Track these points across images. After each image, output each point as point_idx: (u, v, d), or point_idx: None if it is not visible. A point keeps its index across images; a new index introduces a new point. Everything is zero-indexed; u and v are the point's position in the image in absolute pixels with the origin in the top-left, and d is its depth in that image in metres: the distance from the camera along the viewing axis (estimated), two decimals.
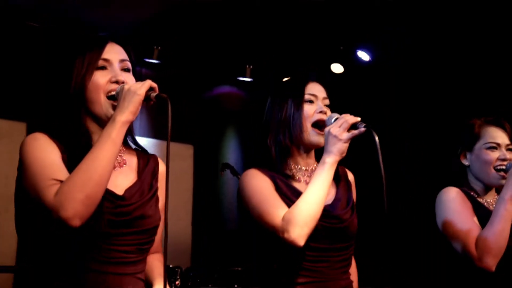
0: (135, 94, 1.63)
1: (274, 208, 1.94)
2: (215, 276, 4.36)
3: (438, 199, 2.39)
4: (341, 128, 1.92)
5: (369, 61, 5.02)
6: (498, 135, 2.38)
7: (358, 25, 4.59)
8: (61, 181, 1.57)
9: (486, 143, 2.37)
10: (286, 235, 1.87)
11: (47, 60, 4.30)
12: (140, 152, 1.89)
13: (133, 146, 1.91)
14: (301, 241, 1.88)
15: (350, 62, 5.07)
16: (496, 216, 2.16)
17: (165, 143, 1.61)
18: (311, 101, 2.10)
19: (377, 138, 1.83)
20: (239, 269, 4.37)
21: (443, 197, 2.36)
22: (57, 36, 4.44)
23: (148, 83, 1.67)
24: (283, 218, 1.89)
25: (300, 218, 1.87)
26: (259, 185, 2.03)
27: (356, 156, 2.21)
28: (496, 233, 2.14)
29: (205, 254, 5.35)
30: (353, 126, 1.92)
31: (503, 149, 2.36)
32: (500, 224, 2.14)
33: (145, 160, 1.86)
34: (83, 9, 4.36)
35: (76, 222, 1.53)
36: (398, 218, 4.20)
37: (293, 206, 1.91)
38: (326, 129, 1.97)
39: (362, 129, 1.90)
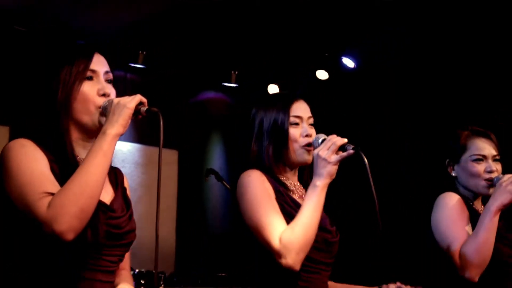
0: (124, 108, 1.63)
1: (272, 227, 1.90)
2: (199, 281, 4.35)
3: (437, 202, 2.37)
4: (330, 151, 1.91)
5: (354, 67, 5.05)
6: (485, 147, 2.38)
7: (351, 28, 4.61)
8: (52, 194, 1.55)
9: (472, 155, 2.37)
10: (283, 261, 1.86)
11: (32, 64, 4.27)
12: None
13: None
14: (297, 267, 1.88)
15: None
16: (481, 227, 2.16)
17: (148, 148, 1.63)
18: (296, 123, 2.09)
19: (366, 160, 1.84)
20: (223, 274, 4.37)
21: (442, 201, 2.35)
22: (42, 41, 4.42)
23: (138, 97, 1.67)
24: (281, 242, 1.86)
25: (297, 244, 1.86)
26: (261, 193, 1.98)
27: (346, 175, 2.22)
28: (480, 244, 2.14)
29: (189, 260, 5.33)
30: (341, 148, 1.92)
31: (490, 161, 2.36)
32: (484, 235, 2.15)
33: (112, 173, 1.85)
34: (68, 13, 4.34)
35: (70, 236, 1.52)
36: (398, 218, 4.23)
37: (290, 230, 1.88)
38: (315, 152, 1.96)
39: (351, 151, 1.89)
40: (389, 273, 2.48)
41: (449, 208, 2.31)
